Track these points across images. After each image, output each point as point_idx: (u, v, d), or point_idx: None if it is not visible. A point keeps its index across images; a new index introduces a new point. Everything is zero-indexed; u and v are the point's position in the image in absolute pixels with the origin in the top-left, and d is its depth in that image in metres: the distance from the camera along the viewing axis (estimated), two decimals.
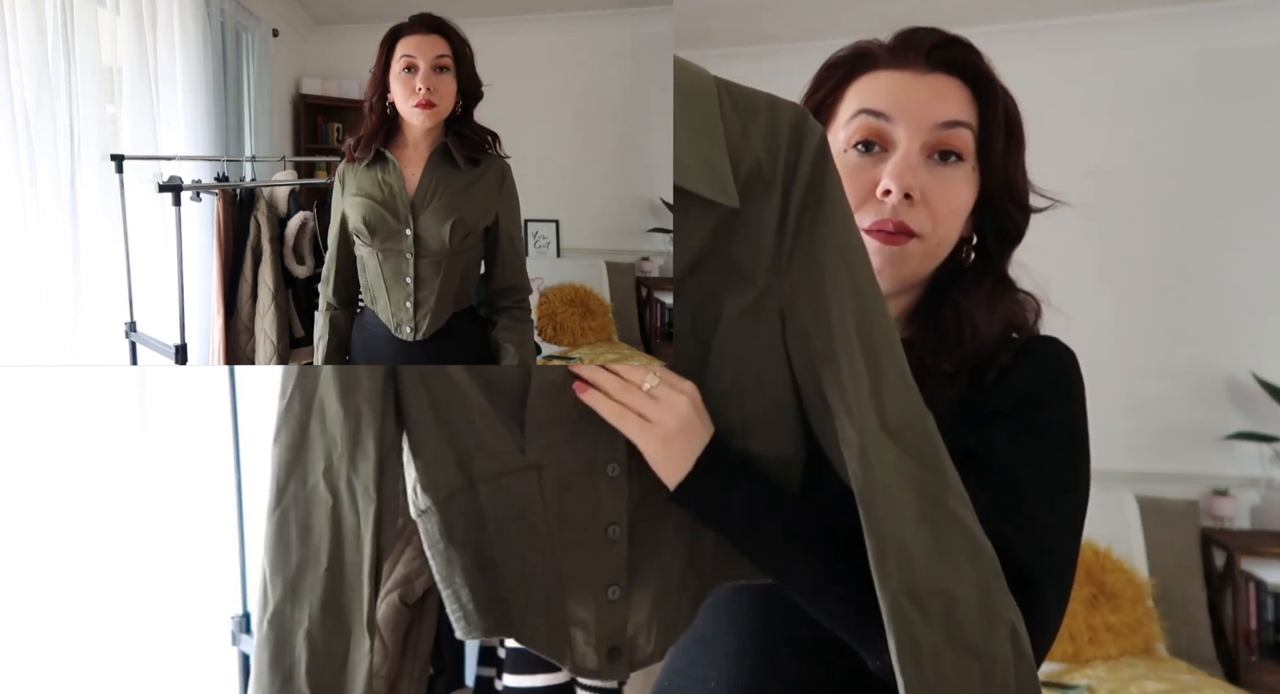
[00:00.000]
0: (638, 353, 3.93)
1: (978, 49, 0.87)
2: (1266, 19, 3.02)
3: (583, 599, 0.76)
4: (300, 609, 0.72)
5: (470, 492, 0.76)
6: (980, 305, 0.85)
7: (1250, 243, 3.06)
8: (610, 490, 0.75)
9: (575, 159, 3.57)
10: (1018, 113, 0.88)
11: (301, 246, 1.87)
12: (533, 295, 3.58)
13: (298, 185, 1.93)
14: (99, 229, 1.89)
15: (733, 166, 0.70)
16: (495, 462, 0.75)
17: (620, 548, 0.76)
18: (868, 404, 0.68)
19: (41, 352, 1.75)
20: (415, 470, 0.78)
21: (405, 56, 1.21)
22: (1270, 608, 2.81)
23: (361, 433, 0.72)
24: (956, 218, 0.85)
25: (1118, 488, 2.90)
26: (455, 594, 0.78)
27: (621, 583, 0.76)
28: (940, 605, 0.66)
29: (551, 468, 0.75)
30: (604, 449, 0.75)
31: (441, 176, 1.24)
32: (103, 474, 1.78)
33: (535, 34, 3.40)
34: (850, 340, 0.69)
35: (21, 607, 1.63)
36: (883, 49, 0.88)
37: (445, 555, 0.78)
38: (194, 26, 2.31)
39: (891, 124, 0.84)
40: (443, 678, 1.79)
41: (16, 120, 1.67)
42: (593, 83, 3.48)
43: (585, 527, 0.76)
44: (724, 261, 0.72)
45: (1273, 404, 2.89)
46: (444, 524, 0.77)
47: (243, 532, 1.89)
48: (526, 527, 0.76)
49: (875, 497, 0.66)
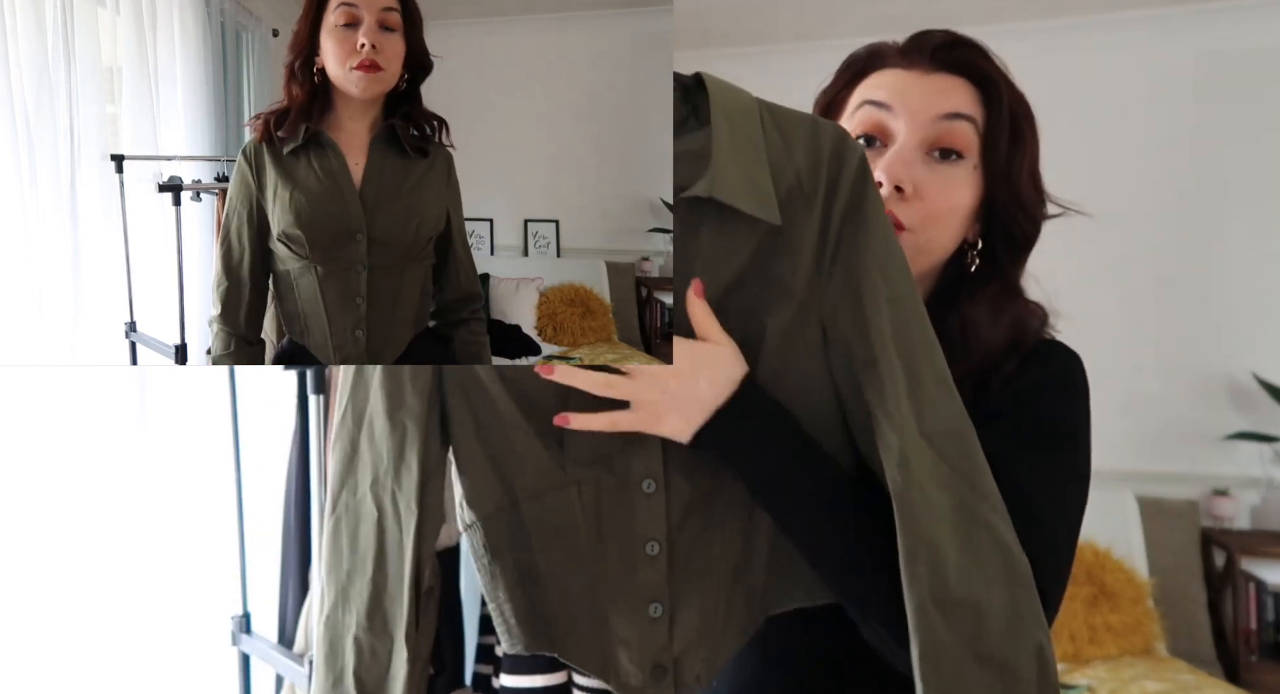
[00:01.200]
0: (637, 353, 3.93)
1: (986, 50, 0.88)
2: (1266, 19, 3.02)
3: (626, 616, 0.76)
4: (349, 614, 0.76)
5: (514, 508, 0.77)
6: (984, 313, 0.85)
7: (1250, 243, 3.06)
8: (647, 506, 0.75)
9: (575, 159, 3.57)
10: (1028, 117, 0.88)
11: None
12: (533, 295, 3.58)
13: None
14: (99, 229, 1.88)
15: (776, 184, 0.70)
16: (536, 479, 0.76)
17: (660, 565, 0.75)
18: (907, 410, 0.68)
19: (41, 351, 1.75)
20: (461, 486, 0.79)
21: (344, 6, 0.96)
22: (1270, 608, 2.81)
23: (406, 449, 0.74)
24: (952, 217, 0.85)
25: (1118, 488, 2.90)
26: (499, 608, 0.79)
27: (663, 601, 0.75)
28: (967, 615, 0.65)
29: (590, 484, 0.76)
30: (640, 465, 0.75)
31: (390, 167, 1.03)
32: (103, 474, 1.78)
33: (535, 34, 3.40)
34: (888, 347, 0.69)
35: (22, 606, 1.63)
36: (894, 49, 0.89)
37: (490, 570, 0.79)
38: (194, 26, 2.31)
39: (892, 115, 0.85)
40: (443, 677, 1.79)
41: (16, 120, 1.67)
42: (593, 83, 3.48)
43: (624, 543, 0.76)
44: (764, 277, 0.72)
45: (1273, 404, 2.89)
46: (488, 539, 0.78)
47: (243, 532, 1.89)
48: (568, 543, 0.76)
49: (913, 499, 0.66)
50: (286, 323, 1.07)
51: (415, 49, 1.00)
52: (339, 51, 0.96)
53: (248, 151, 1.03)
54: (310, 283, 1.01)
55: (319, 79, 0.98)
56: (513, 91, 3.01)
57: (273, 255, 1.04)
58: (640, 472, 0.75)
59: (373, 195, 1.01)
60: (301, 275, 1.02)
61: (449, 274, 1.11)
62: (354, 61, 0.96)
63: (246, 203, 1.03)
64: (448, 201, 1.08)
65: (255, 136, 1.01)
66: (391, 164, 1.03)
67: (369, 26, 0.96)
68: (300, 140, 0.99)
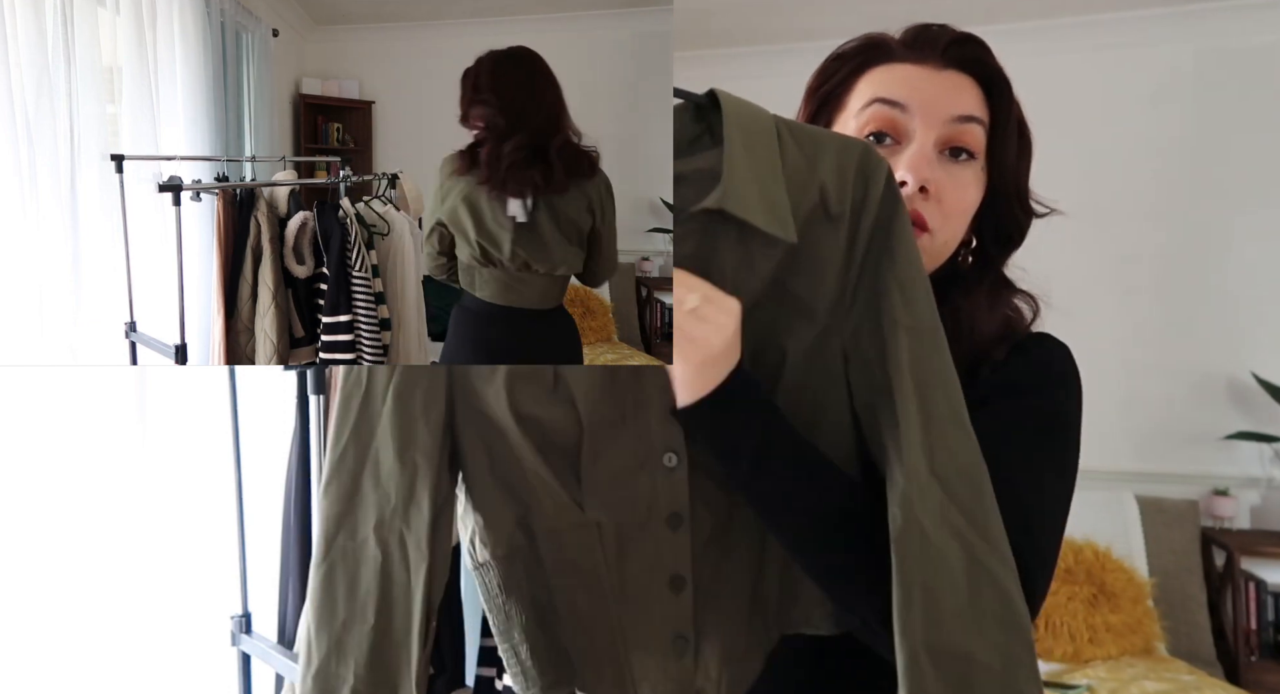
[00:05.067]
0: (638, 352, 3.93)
1: (990, 48, 0.87)
2: (1266, 19, 3.02)
3: (648, 652, 0.75)
4: (345, 666, 0.71)
5: (530, 546, 0.75)
6: (981, 307, 0.85)
7: (1250, 243, 3.06)
8: (671, 540, 0.74)
9: None
10: (1024, 118, 0.88)
11: (301, 247, 1.87)
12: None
13: (298, 185, 1.93)
14: (99, 229, 1.89)
15: (795, 203, 0.69)
16: (554, 518, 0.74)
17: (685, 598, 0.74)
18: (917, 448, 0.67)
19: (41, 351, 1.75)
20: (474, 524, 0.77)
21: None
22: (1270, 608, 2.81)
23: (417, 488, 0.71)
24: (964, 217, 0.85)
25: (1118, 488, 2.90)
26: (514, 650, 0.77)
27: (688, 634, 0.75)
28: (958, 669, 0.64)
29: (611, 521, 0.74)
30: (662, 498, 0.73)
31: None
32: (103, 474, 1.78)
33: (535, 34, 3.39)
34: (905, 379, 0.68)
35: (21, 606, 1.63)
36: (897, 43, 0.88)
37: (504, 611, 0.77)
38: (194, 26, 2.31)
39: (907, 115, 0.83)
40: (443, 678, 1.79)
41: (16, 120, 1.67)
42: (593, 83, 3.48)
43: (648, 578, 0.74)
44: (785, 296, 0.71)
45: (1273, 404, 2.89)
46: (504, 579, 0.76)
47: (243, 532, 1.89)
48: (588, 580, 0.75)
49: (910, 543, 0.65)
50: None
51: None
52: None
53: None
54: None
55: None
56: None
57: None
58: (665, 505, 0.73)
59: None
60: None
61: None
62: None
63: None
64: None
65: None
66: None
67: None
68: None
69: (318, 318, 1.89)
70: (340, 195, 1.95)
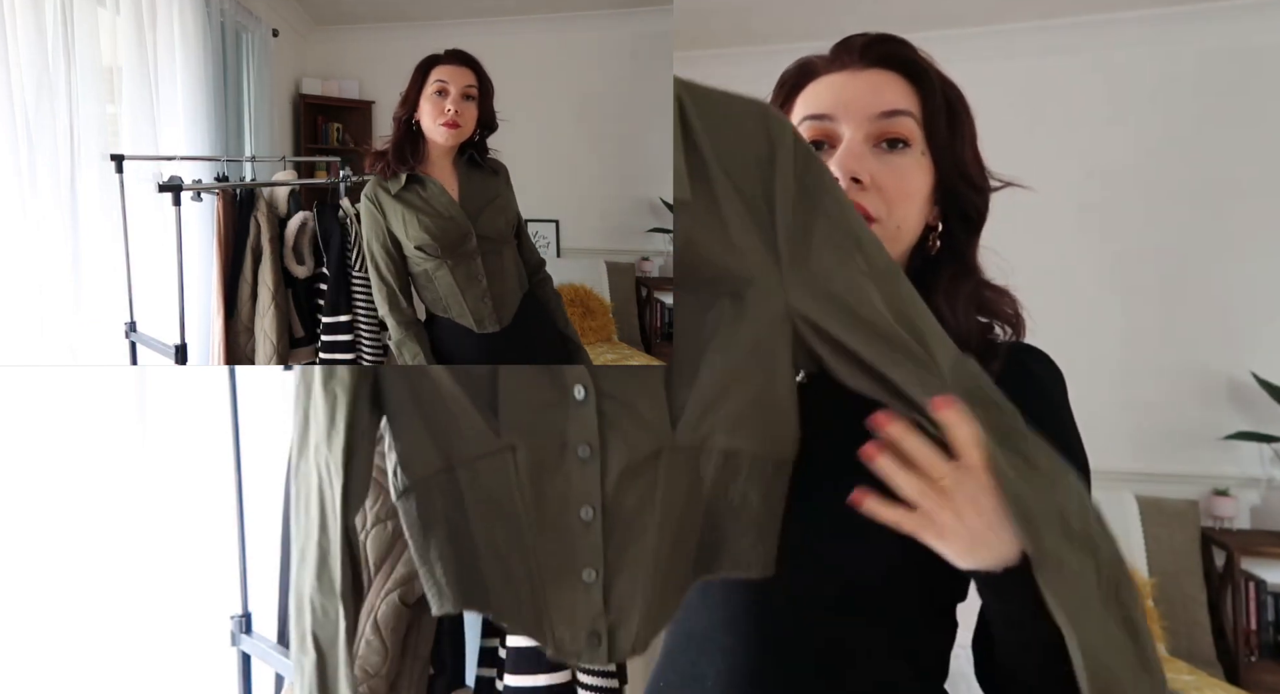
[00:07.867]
0: (637, 353, 3.93)
1: (910, 43, 0.90)
2: (1266, 19, 3.02)
3: (559, 582, 0.76)
4: (304, 575, 0.78)
5: (448, 474, 0.77)
6: (944, 292, 0.87)
7: (1250, 243, 3.06)
8: (581, 472, 0.75)
9: (575, 159, 3.57)
10: (961, 99, 0.91)
11: (301, 247, 1.87)
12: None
13: (298, 185, 1.93)
14: (99, 229, 1.89)
15: (697, 165, 0.70)
16: (471, 444, 0.76)
17: (594, 531, 0.75)
18: (930, 372, 0.70)
19: (41, 351, 1.75)
20: (395, 454, 0.79)
21: (438, 81, 1.40)
22: (1270, 608, 2.81)
23: (336, 414, 0.76)
24: (912, 201, 0.87)
25: (1118, 488, 2.91)
26: (430, 570, 0.79)
27: (597, 567, 0.76)
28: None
29: (525, 449, 0.75)
30: (575, 431, 0.75)
31: (475, 184, 1.45)
32: (103, 474, 1.78)
33: (535, 34, 3.40)
34: (883, 316, 0.70)
35: (21, 607, 1.63)
36: (821, 59, 0.92)
37: (422, 535, 0.79)
38: (194, 26, 2.31)
39: (834, 122, 0.87)
40: (443, 678, 1.78)
41: (16, 120, 1.67)
42: (593, 83, 3.48)
43: (559, 509, 0.76)
44: (708, 265, 0.72)
45: (1273, 404, 2.89)
46: (421, 505, 0.78)
47: (243, 532, 1.89)
48: (503, 509, 0.76)
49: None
50: (430, 305, 1.49)
51: (485, 115, 1.45)
52: (432, 111, 1.41)
53: (370, 196, 1.45)
54: (444, 274, 1.45)
55: (415, 128, 1.42)
56: (513, 91, 3.01)
57: (408, 261, 1.46)
58: (577, 437, 0.75)
59: (471, 206, 1.44)
60: (437, 270, 1.45)
61: (524, 249, 1.53)
62: (442, 120, 1.40)
63: (380, 234, 1.44)
64: (515, 200, 1.51)
65: (379, 173, 1.42)
66: (475, 182, 1.46)
67: (454, 96, 1.40)
68: (403, 183, 1.42)
69: (318, 318, 1.89)
70: (340, 195, 1.96)
